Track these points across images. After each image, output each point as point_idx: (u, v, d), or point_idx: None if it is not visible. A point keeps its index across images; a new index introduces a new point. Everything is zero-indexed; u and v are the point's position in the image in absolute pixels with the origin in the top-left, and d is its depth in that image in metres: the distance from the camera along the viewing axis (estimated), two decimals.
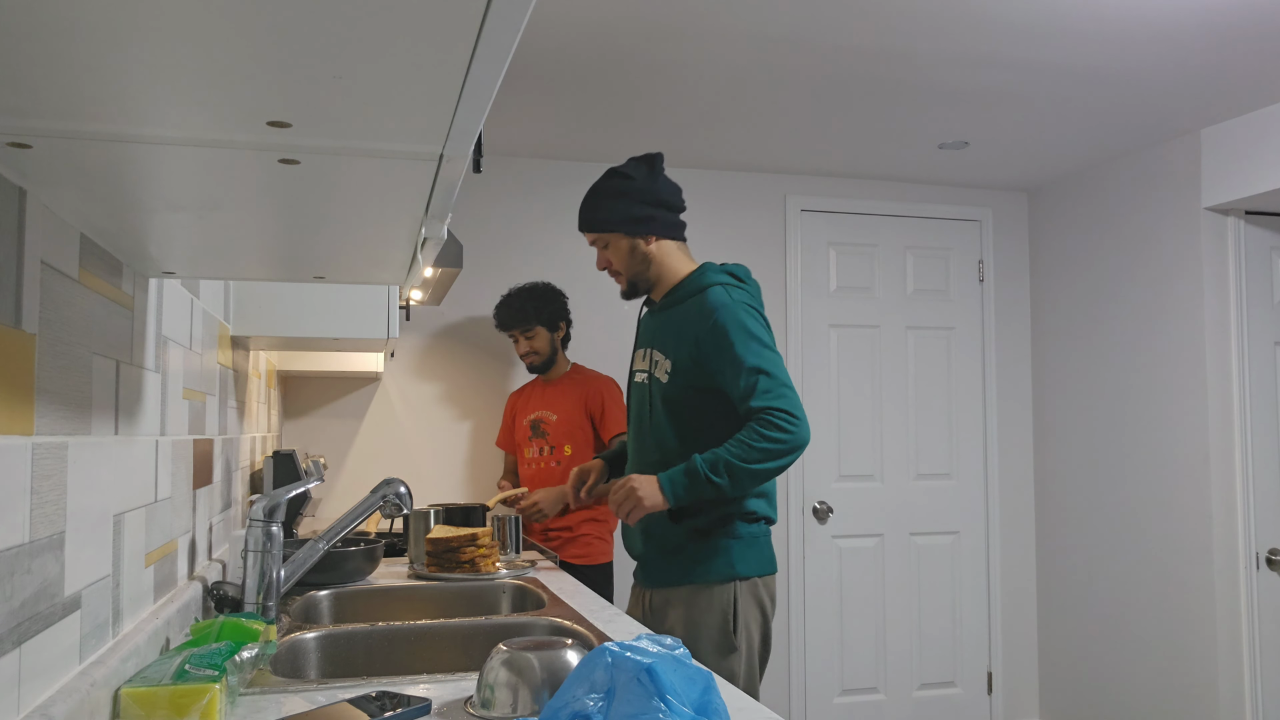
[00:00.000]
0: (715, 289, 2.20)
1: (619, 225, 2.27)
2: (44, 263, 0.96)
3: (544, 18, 2.65)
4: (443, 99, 0.70)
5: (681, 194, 2.33)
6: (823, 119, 3.51)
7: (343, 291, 2.25)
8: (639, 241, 2.27)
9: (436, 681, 1.37)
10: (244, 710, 1.24)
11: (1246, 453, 3.58)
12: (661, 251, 2.29)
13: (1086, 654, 4.14)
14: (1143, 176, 3.88)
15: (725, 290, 2.19)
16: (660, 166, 2.29)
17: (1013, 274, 4.51)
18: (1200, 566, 3.59)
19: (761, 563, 2.22)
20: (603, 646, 0.99)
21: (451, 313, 3.93)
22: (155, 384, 1.46)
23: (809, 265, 4.27)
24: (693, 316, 2.19)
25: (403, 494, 1.94)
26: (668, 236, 2.29)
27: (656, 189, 2.27)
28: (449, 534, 2.33)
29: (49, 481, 0.98)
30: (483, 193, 3.95)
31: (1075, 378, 4.23)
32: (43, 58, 0.62)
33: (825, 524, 4.21)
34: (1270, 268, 3.67)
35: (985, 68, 3.01)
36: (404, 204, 0.98)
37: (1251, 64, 2.98)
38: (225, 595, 1.66)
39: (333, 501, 3.80)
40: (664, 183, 2.29)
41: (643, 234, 2.26)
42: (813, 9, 2.61)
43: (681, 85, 3.18)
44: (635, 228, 2.26)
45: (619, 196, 2.27)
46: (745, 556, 2.19)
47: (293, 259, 1.30)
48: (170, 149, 0.80)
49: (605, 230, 2.28)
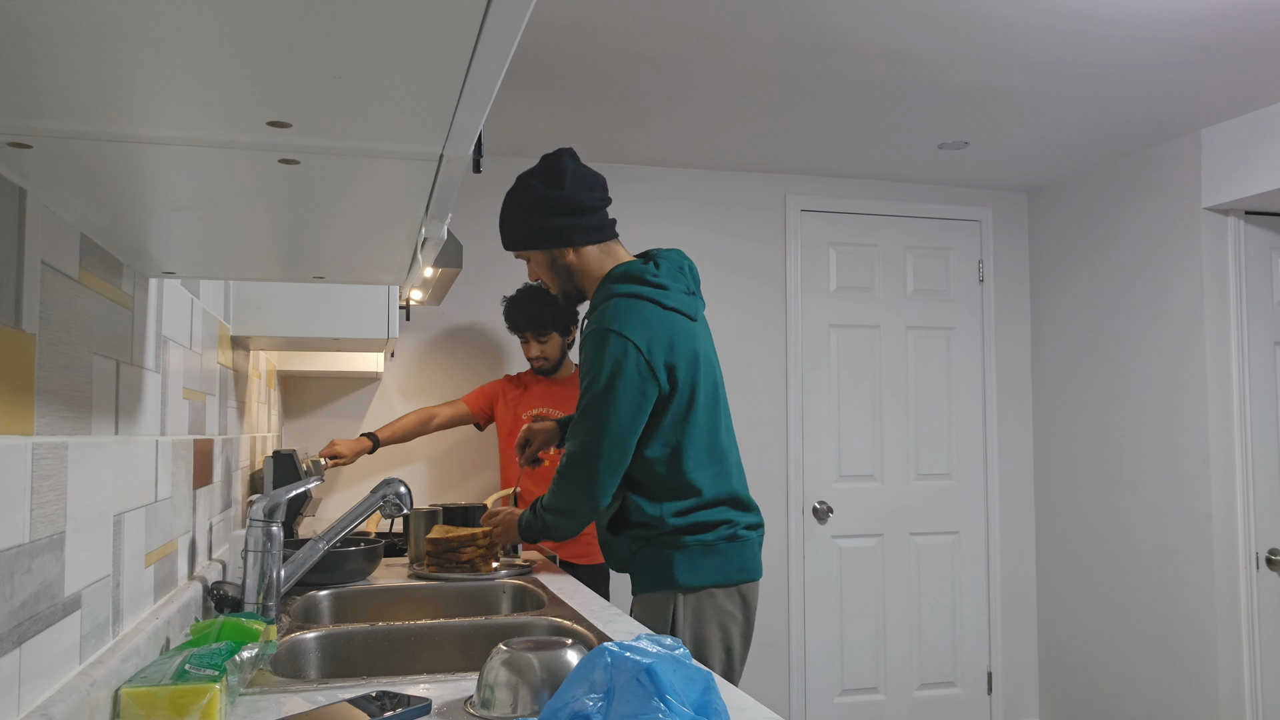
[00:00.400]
0: (602, 309, 2.10)
1: (531, 241, 2.15)
2: (44, 263, 0.96)
3: (544, 17, 2.65)
4: (443, 99, 0.70)
5: (599, 188, 2.16)
6: (823, 119, 3.51)
7: (343, 291, 2.25)
8: (555, 254, 2.16)
9: (436, 681, 1.37)
10: (244, 710, 1.24)
11: (1246, 453, 3.58)
12: (583, 260, 2.16)
13: (1086, 654, 4.14)
14: (1143, 176, 3.88)
15: (605, 310, 2.09)
16: (565, 166, 2.12)
17: (1013, 274, 4.51)
18: (1200, 567, 3.59)
19: (715, 572, 2.11)
20: (602, 647, 0.99)
21: (451, 313, 3.93)
22: (155, 384, 1.46)
23: (809, 265, 4.27)
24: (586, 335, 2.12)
25: (403, 494, 1.94)
26: (587, 243, 2.15)
27: (564, 196, 2.11)
28: (449, 534, 2.33)
29: (49, 481, 0.98)
30: (483, 193, 3.95)
31: (1075, 377, 4.23)
32: (43, 58, 0.62)
33: (825, 524, 4.21)
34: (1270, 268, 3.67)
35: (985, 68, 3.01)
36: (404, 204, 0.98)
37: (1251, 64, 2.98)
38: (225, 595, 1.66)
39: (333, 501, 3.80)
40: (573, 185, 2.12)
41: (557, 246, 2.14)
42: (813, 9, 2.61)
43: (681, 85, 3.18)
44: (547, 241, 2.14)
45: (527, 209, 2.13)
46: (693, 566, 2.09)
47: (293, 259, 1.30)
48: (170, 149, 0.80)
49: (519, 248, 2.18)
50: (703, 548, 2.11)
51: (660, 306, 2.10)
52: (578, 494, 2.08)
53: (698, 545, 2.10)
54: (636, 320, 2.06)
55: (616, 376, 2.03)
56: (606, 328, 2.05)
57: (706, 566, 2.11)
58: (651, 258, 2.19)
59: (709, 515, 2.12)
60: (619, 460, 2.06)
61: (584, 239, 2.15)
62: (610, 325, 2.05)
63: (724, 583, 2.12)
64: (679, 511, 2.11)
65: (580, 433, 2.07)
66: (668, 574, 2.10)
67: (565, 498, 2.11)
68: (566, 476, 2.09)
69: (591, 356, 2.07)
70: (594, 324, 2.10)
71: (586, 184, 2.14)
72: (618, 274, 2.14)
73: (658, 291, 2.11)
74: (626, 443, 2.06)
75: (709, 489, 2.13)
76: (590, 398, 2.06)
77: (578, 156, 2.15)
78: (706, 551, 2.11)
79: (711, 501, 2.13)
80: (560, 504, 2.12)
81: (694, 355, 2.12)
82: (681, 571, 2.09)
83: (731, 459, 2.22)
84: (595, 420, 2.05)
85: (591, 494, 2.07)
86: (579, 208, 2.12)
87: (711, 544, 2.11)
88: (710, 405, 2.16)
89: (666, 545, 2.11)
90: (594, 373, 2.05)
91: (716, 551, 2.12)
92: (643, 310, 2.08)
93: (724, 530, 2.13)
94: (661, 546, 2.11)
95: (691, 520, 2.11)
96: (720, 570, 2.12)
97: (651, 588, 2.12)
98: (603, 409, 2.04)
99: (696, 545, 2.10)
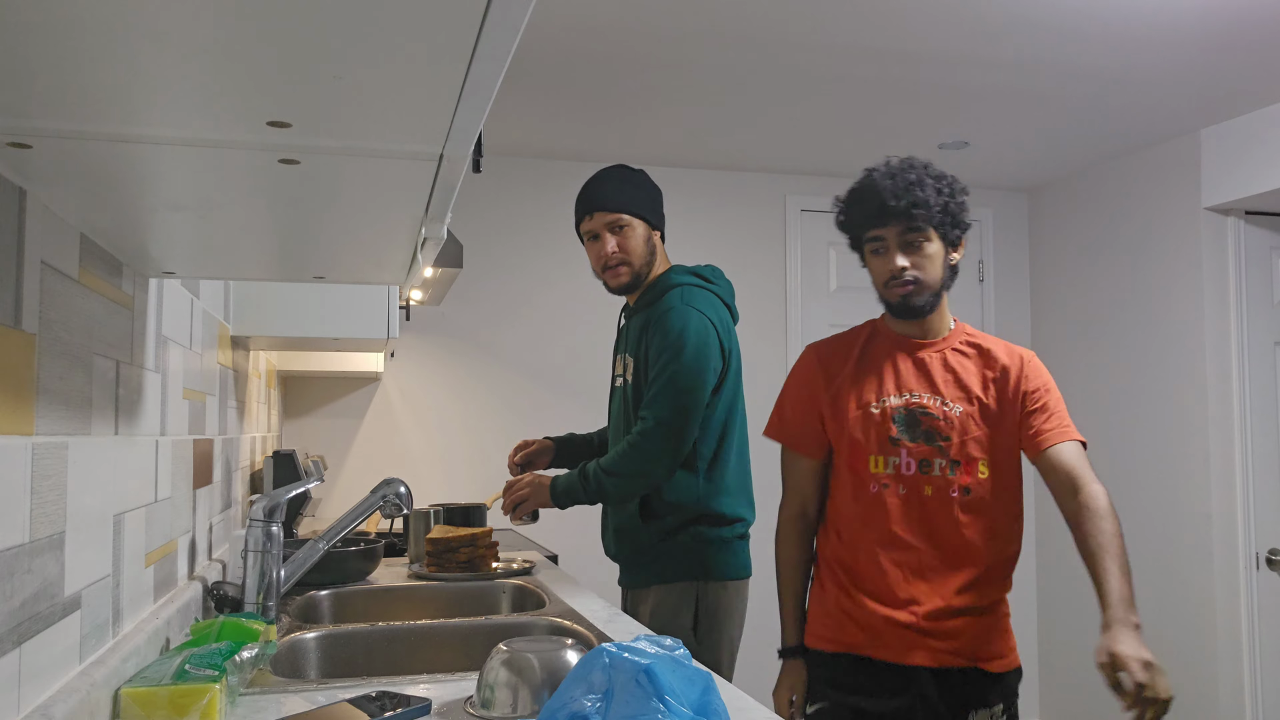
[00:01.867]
0: (674, 291, 2.19)
1: (643, 210, 2.24)
2: (44, 263, 0.96)
3: (544, 18, 2.65)
4: (443, 99, 0.70)
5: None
6: (823, 119, 3.51)
7: (343, 291, 2.25)
8: (654, 234, 2.27)
9: (436, 681, 1.37)
10: (244, 710, 1.24)
11: (1246, 453, 3.57)
12: (659, 250, 2.29)
13: (1086, 654, 4.13)
14: (1143, 176, 3.88)
15: (682, 292, 2.18)
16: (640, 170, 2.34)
17: (1013, 274, 4.51)
18: (1200, 567, 3.59)
19: (733, 566, 2.19)
20: (600, 647, 0.99)
21: (451, 313, 3.93)
22: (155, 384, 1.46)
23: (809, 265, 4.27)
24: (652, 317, 2.18)
25: (403, 494, 1.94)
26: (663, 238, 2.32)
27: (658, 192, 2.30)
28: (449, 534, 2.33)
29: (49, 481, 0.98)
30: (483, 193, 3.95)
31: (1075, 378, 4.23)
32: (43, 58, 0.62)
33: None
34: (1270, 268, 3.67)
35: (985, 68, 3.01)
36: (404, 204, 0.98)
37: (1251, 64, 2.98)
38: (225, 595, 1.66)
39: (333, 501, 3.79)
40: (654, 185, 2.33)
41: (658, 227, 2.28)
42: (813, 9, 2.61)
43: (681, 85, 3.18)
44: (655, 218, 2.27)
45: (639, 187, 2.26)
46: (715, 559, 2.17)
47: (293, 259, 1.30)
48: (170, 149, 0.80)
49: (632, 212, 2.23)
50: (723, 541, 2.18)
51: (720, 300, 2.24)
52: (661, 458, 2.09)
53: (717, 538, 2.17)
54: (710, 304, 2.18)
55: (701, 350, 2.10)
56: (687, 304, 2.14)
57: (729, 559, 2.18)
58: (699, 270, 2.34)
59: (725, 506, 2.19)
60: (695, 431, 2.12)
61: (664, 233, 2.33)
62: (690, 303, 2.15)
63: (741, 576, 2.21)
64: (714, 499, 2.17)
65: (666, 400, 2.09)
66: (695, 564, 2.14)
67: (642, 461, 2.10)
68: (649, 438, 2.09)
69: (676, 329, 2.11)
70: (670, 303, 2.16)
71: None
72: (683, 269, 2.27)
73: (716, 288, 2.26)
74: (701, 413, 2.13)
75: (737, 484, 2.23)
76: (677, 367, 2.09)
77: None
78: (727, 544, 2.19)
79: (729, 492, 2.20)
80: (634, 467, 2.10)
81: (737, 351, 2.25)
82: (709, 563, 2.15)
83: (747, 459, 2.33)
84: (684, 386, 2.09)
85: (675, 457, 2.09)
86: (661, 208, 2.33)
87: (729, 538, 2.19)
88: (743, 403, 2.29)
89: (694, 537, 2.15)
90: (678, 345, 2.10)
91: (737, 545, 2.21)
92: (711, 299, 2.21)
93: (739, 528, 2.22)
94: (687, 538, 2.15)
95: (714, 509, 2.17)
96: (741, 565, 2.21)
97: (676, 578, 2.15)
98: (691, 377, 2.09)
99: (717, 538, 2.17)
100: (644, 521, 2.18)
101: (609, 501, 2.22)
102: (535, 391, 3.99)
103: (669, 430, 2.08)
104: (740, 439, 2.28)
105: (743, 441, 2.29)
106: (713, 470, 2.19)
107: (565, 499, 2.18)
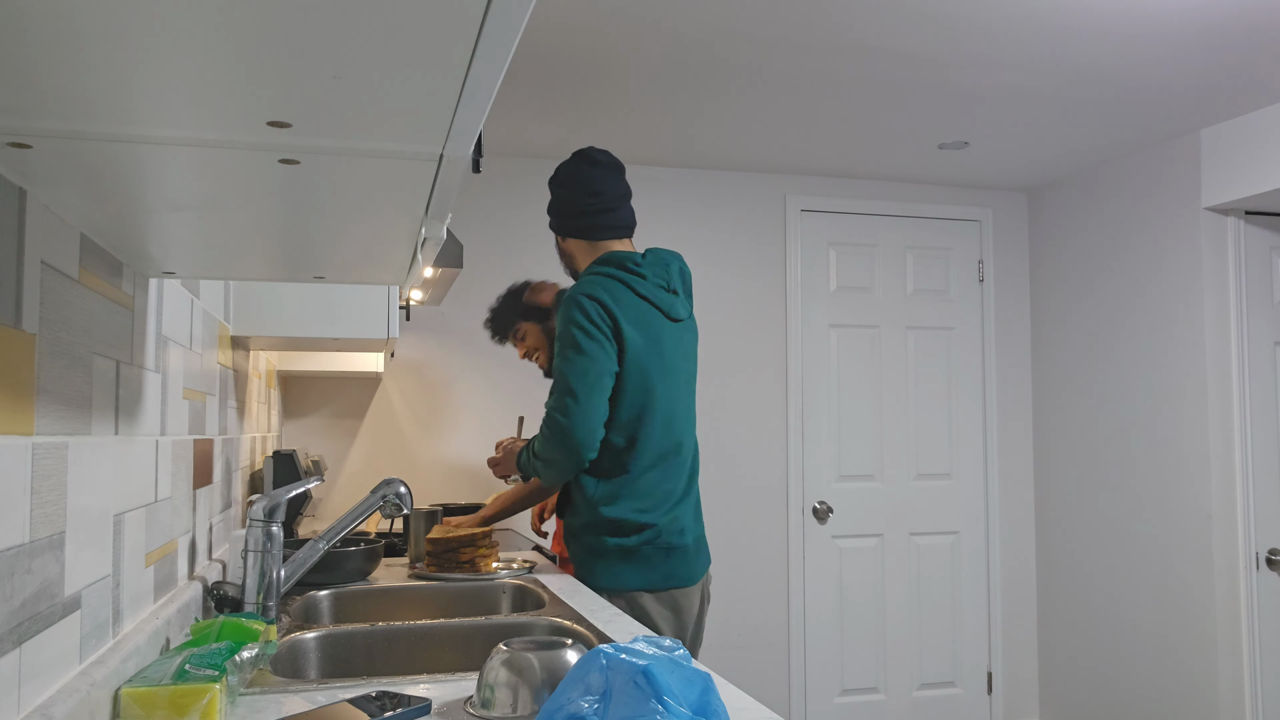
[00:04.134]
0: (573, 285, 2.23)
1: (557, 226, 2.35)
2: (44, 263, 0.96)
3: (544, 18, 2.65)
4: (443, 99, 0.70)
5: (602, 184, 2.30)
6: (823, 119, 3.51)
7: (343, 291, 2.25)
8: (565, 242, 2.36)
9: (436, 681, 1.37)
10: (244, 710, 1.24)
11: (1246, 453, 3.57)
12: (579, 252, 2.34)
13: (1086, 654, 4.14)
14: (1143, 176, 3.88)
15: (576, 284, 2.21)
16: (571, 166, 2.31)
17: (1013, 274, 4.51)
18: (1200, 566, 3.59)
19: (635, 576, 2.14)
20: (597, 649, 0.99)
21: (451, 313, 3.93)
22: (155, 384, 1.46)
23: (809, 265, 4.27)
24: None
25: (403, 494, 1.94)
26: (577, 236, 2.32)
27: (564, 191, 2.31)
28: (449, 534, 2.33)
29: (49, 481, 0.98)
30: (483, 193, 3.95)
31: (1075, 377, 4.23)
32: (43, 58, 0.62)
33: (825, 524, 4.21)
34: (1270, 268, 3.67)
35: (985, 68, 3.01)
36: (404, 204, 0.98)
37: (1251, 64, 2.97)
38: (225, 595, 1.66)
39: (333, 501, 3.80)
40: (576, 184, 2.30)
41: (565, 233, 2.34)
42: (813, 9, 2.61)
43: (681, 85, 3.18)
44: (561, 227, 2.35)
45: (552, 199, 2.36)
46: (609, 570, 2.14)
47: (293, 259, 1.30)
48: (170, 149, 0.80)
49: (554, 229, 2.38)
50: (624, 551, 2.14)
51: (632, 292, 2.19)
52: (555, 446, 2.12)
53: (616, 547, 2.14)
54: (591, 285, 2.18)
55: (580, 330, 2.12)
56: (571, 294, 2.16)
57: (630, 570, 2.14)
58: (645, 252, 2.33)
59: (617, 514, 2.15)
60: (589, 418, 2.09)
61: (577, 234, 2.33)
62: (575, 291, 2.17)
63: (645, 587, 2.14)
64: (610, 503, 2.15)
65: (554, 388, 2.14)
66: (589, 573, 2.15)
67: (544, 447, 2.15)
68: (545, 426, 2.15)
69: (560, 324, 2.16)
70: (564, 297, 2.20)
71: (584, 182, 2.30)
72: (602, 258, 2.26)
73: (632, 278, 2.21)
74: (592, 394, 2.10)
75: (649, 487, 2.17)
76: (558, 360, 2.13)
77: (586, 156, 2.29)
78: (631, 554, 2.14)
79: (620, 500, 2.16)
80: (543, 452, 2.16)
81: (653, 343, 2.17)
82: (604, 574, 2.14)
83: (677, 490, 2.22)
84: (562, 376, 2.12)
85: (567, 446, 2.10)
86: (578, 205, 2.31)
87: (632, 547, 2.14)
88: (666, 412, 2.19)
89: (588, 546, 2.16)
90: (563, 335, 2.13)
91: (646, 553, 2.15)
92: (611, 286, 2.18)
93: (649, 534, 2.15)
94: (585, 544, 2.16)
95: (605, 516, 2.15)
96: (651, 575, 2.15)
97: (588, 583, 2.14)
98: (569, 365, 2.11)
99: (616, 547, 2.14)
100: (560, 515, 2.25)
101: (545, 481, 2.25)
102: (535, 391, 3.99)
103: (556, 413, 2.11)
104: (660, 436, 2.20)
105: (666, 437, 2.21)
106: (614, 472, 2.17)
107: (522, 470, 2.27)
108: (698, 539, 2.26)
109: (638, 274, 2.22)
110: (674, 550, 2.17)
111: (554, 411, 2.11)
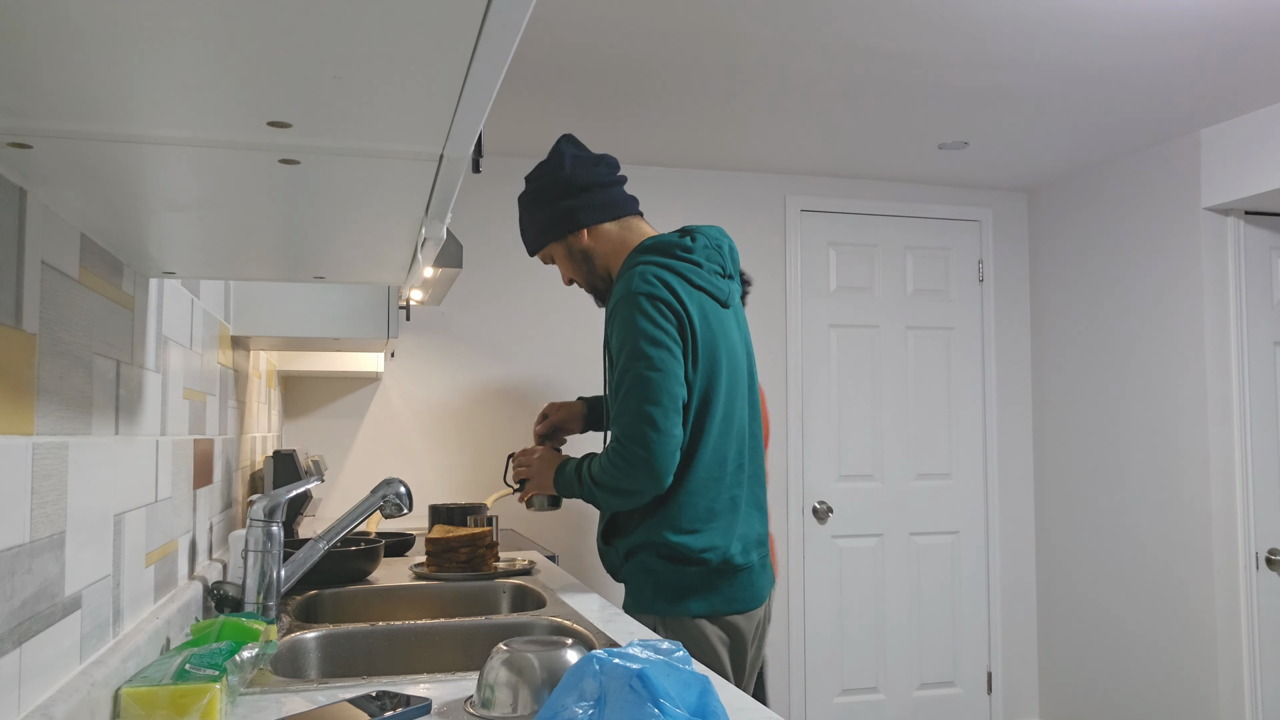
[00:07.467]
0: (624, 277, 1.94)
1: (543, 235, 2.04)
2: (44, 263, 0.96)
3: (544, 18, 2.65)
4: (443, 99, 0.70)
5: (605, 164, 2.04)
6: (823, 119, 3.51)
7: (343, 291, 2.25)
8: (571, 242, 2.03)
9: (436, 681, 1.37)
10: (244, 710, 1.24)
11: (1246, 453, 3.58)
12: (599, 240, 2.02)
13: (1086, 654, 4.14)
14: (1143, 176, 3.88)
15: (632, 277, 1.91)
16: (563, 151, 2.02)
17: (1012, 274, 4.51)
18: (1200, 566, 3.59)
19: (696, 602, 1.91)
20: (590, 654, 0.98)
21: (451, 313, 3.93)
22: (155, 384, 1.46)
23: (809, 265, 4.27)
24: (611, 309, 1.95)
25: (403, 494, 1.94)
26: (600, 220, 2.02)
27: (564, 179, 2.00)
28: (449, 534, 2.33)
29: (49, 481, 0.98)
30: (483, 193, 3.95)
31: (1075, 377, 4.23)
32: (43, 58, 0.62)
33: (825, 524, 4.21)
34: (1270, 268, 3.67)
35: (985, 68, 3.01)
36: (404, 204, 0.98)
37: (1251, 64, 2.98)
38: (225, 595, 1.66)
39: (333, 501, 3.80)
40: (573, 167, 2.00)
41: (569, 231, 2.02)
42: (813, 9, 2.61)
43: (681, 85, 3.18)
44: (558, 229, 2.02)
45: (534, 204, 2.05)
46: (664, 592, 1.91)
47: (293, 259, 1.30)
48: (170, 149, 0.80)
49: (536, 248, 2.07)
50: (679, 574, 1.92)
51: (688, 283, 1.93)
52: (634, 474, 1.85)
53: (671, 571, 1.92)
54: (662, 285, 1.90)
55: (649, 341, 1.86)
56: (632, 293, 1.88)
57: (689, 594, 1.92)
58: (688, 232, 2.01)
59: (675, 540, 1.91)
60: (669, 432, 1.85)
61: (595, 217, 2.01)
62: (635, 290, 1.88)
63: (700, 613, 1.92)
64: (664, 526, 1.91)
65: (628, 410, 1.86)
66: (645, 595, 1.93)
67: (619, 477, 1.87)
68: (617, 455, 1.87)
69: (622, 328, 1.88)
70: (617, 294, 1.91)
71: (588, 163, 2.02)
72: (647, 245, 1.98)
73: (688, 267, 1.94)
74: (669, 418, 1.84)
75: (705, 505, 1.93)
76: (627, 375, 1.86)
77: (577, 140, 2.05)
78: (687, 577, 1.92)
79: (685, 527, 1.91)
80: (612, 483, 1.89)
81: (714, 341, 1.94)
82: (657, 596, 1.92)
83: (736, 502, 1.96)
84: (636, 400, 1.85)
85: (649, 470, 1.84)
86: (583, 186, 2.00)
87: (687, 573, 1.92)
88: (725, 416, 1.95)
89: (643, 566, 1.94)
90: (629, 343, 1.86)
91: (700, 579, 1.92)
92: (670, 280, 1.91)
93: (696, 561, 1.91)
94: (639, 564, 1.94)
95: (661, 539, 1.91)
96: (713, 600, 1.92)
97: (633, 609, 1.96)
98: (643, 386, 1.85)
99: (670, 571, 1.92)
100: (606, 542, 2.02)
101: (603, 510, 2.01)
102: (536, 391, 3.99)
103: (632, 444, 1.85)
104: (718, 444, 1.95)
105: (723, 444, 1.96)
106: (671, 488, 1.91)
107: (565, 492, 2.01)
108: (763, 557, 2.01)
109: (691, 261, 1.95)
110: (738, 572, 1.95)
111: (631, 444, 1.84)
